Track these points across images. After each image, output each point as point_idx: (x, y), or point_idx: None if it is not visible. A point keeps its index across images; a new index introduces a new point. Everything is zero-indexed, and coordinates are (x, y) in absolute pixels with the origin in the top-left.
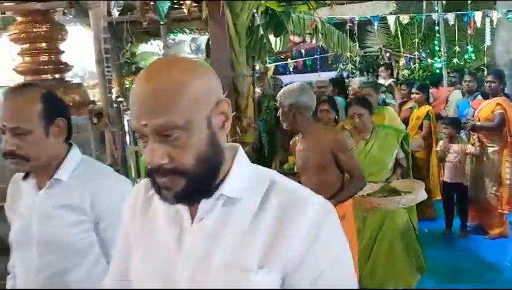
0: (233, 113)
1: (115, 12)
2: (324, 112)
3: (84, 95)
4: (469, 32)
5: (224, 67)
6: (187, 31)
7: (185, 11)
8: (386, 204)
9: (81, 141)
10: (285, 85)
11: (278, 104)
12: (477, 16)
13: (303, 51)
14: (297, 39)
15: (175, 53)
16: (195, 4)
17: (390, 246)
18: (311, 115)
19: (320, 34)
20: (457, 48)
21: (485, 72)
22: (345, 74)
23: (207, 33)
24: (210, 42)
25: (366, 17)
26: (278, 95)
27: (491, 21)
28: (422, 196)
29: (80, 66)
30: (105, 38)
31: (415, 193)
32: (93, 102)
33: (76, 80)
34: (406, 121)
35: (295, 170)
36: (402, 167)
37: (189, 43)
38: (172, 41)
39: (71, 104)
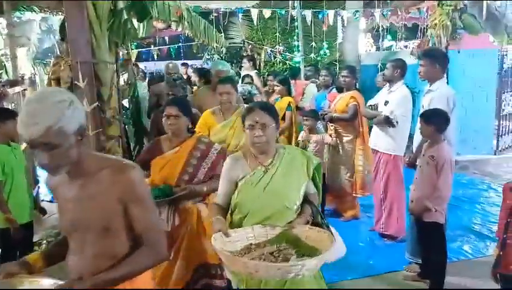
0: (96, 104)
1: None
2: (172, 119)
3: None
4: (324, 29)
5: (83, 52)
6: (36, 9)
7: None
8: (263, 272)
9: None
10: (150, 73)
11: None
12: (331, 14)
13: (167, 38)
14: (161, 25)
15: (22, 34)
16: None
17: None
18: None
19: (186, 22)
20: (313, 44)
21: (337, 67)
22: (210, 64)
23: (60, 13)
24: (66, 24)
25: (230, 9)
26: None
27: (342, 20)
28: (332, 255)
29: None
30: None
31: (319, 258)
32: None
33: None
34: None
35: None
36: (313, 206)
37: (39, 23)
38: (18, 20)
39: None
